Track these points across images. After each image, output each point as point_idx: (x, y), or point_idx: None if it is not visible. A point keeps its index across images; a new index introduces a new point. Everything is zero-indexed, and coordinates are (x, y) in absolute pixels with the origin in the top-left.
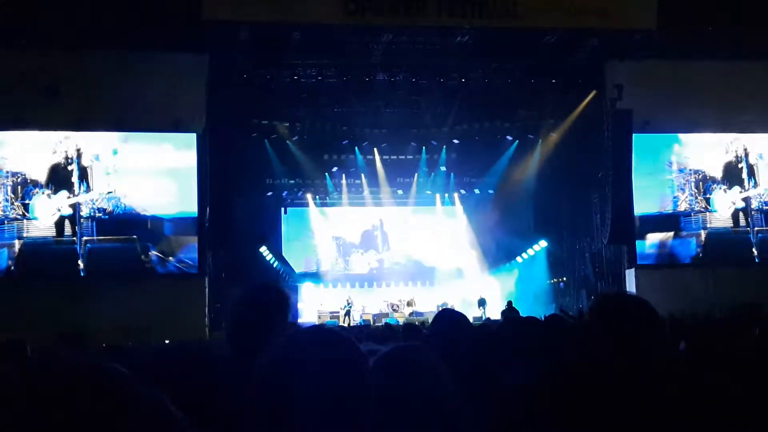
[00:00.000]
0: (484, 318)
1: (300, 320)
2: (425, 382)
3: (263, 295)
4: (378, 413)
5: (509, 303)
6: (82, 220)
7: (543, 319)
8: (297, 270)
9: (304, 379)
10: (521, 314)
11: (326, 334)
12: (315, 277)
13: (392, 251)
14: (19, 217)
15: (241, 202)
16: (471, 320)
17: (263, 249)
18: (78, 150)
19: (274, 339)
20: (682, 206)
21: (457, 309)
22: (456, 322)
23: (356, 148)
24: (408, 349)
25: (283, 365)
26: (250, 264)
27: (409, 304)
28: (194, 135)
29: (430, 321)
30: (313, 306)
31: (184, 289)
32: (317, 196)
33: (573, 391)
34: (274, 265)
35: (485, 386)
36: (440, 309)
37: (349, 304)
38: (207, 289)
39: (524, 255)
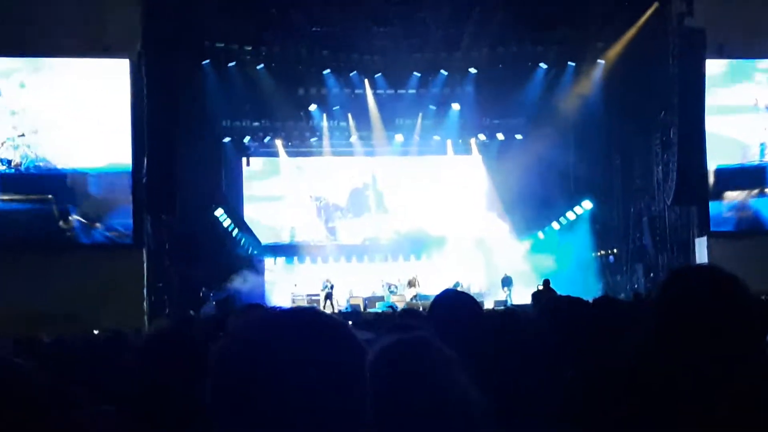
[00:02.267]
0: (509, 303)
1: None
2: (438, 385)
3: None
4: (377, 421)
5: (545, 282)
6: None
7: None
8: (263, 240)
9: (278, 376)
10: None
11: (310, 316)
12: (287, 250)
13: (389, 215)
14: None
15: (190, 151)
16: (492, 305)
17: (219, 212)
18: None
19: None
20: None
21: (474, 291)
22: (460, 310)
23: (341, 79)
24: (415, 342)
25: (248, 358)
26: (202, 232)
27: (411, 284)
28: (126, 62)
29: None
30: (284, 288)
31: (115, 265)
32: (290, 143)
33: (639, 408)
34: (234, 234)
35: (510, 398)
36: (443, 291)
37: (328, 285)
38: (145, 265)
39: (563, 220)
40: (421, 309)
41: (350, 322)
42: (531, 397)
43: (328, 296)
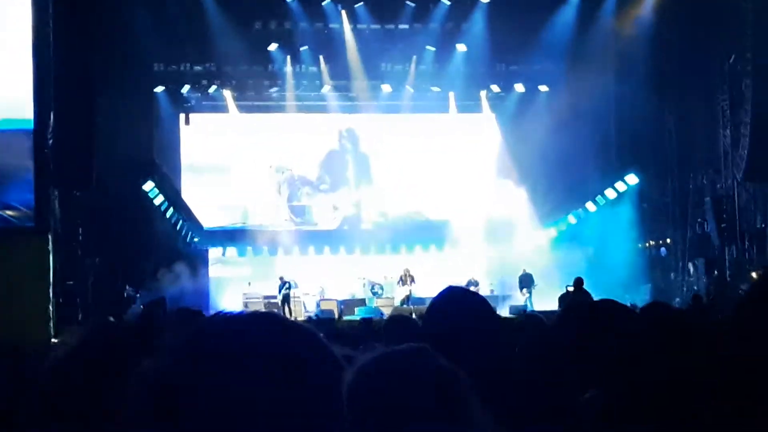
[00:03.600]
0: (529, 308)
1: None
2: (435, 414)
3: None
4: None
5: (577, 282)
6: None
7: (637, 310)
8: (207, 224)
9: (227, 395)
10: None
11: (268, 325)
12: (238, 237)
13: (374, 193)
14: None
15: (111, 104)
16: (507, 312)
17: (148, 187)
18: None
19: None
20: None
21: (484, 293)
22: (467, 316)
23: (310, 9)
24: (406, 357)
25: (187, 374)
26: (126, 212)
27: (402, 281)
28: None
29: None
30: (235, 287)
31: (11, 256)
32: (242, 94)
33: None
34: (168, 216)
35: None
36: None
37: (286, 284)
38: (51, 255)
39: (600, 200)
40: (414, 316)
41: (321, 335)
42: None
43: (286, 299)
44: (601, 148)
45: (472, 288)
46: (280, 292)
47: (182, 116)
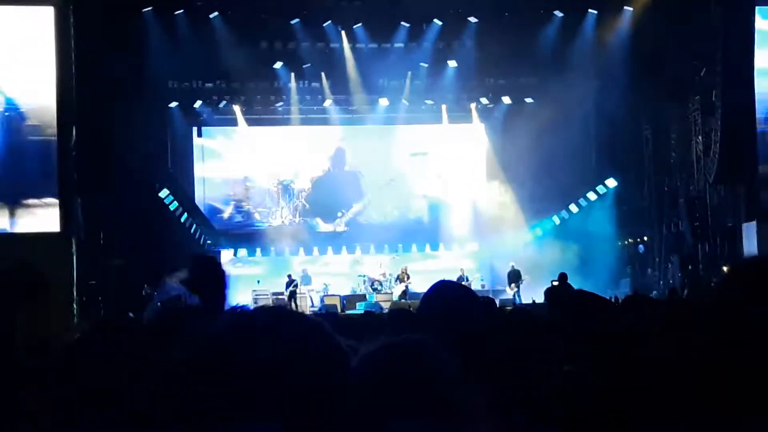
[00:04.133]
0: (518, 301)
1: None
2: (436, 397)
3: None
4: None
5: (561, 276)
6: None
7: (616, 302)
8: (218, 227)
9: (248, 388)
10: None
11: (275, 318)
12: (248, 238)
13: (372, 196)
14: None
15: (129, 118)
16: (497, 305)
17: (164, 194)
18: None
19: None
20: None
21: (475, 287)
22: (458, 306)
23: (313, 30)
24: (409, 344)
25: (212, 371)
26: (144, 218)
27: (400, 278)
28: (51, 9)
29: None
30: (245, 285)
31: (38, 258)
32: (250, 108)
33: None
34: (182, 220)
35: (518, 411)
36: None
37: (292, 281)
38: (75, 257)
39: (582, 202)
40: (411, 309)
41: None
42: (541, 411)
43: (292, 295)
44: (583, 154)
45: (463, 283)
46: (287, 288)
47: (195, 129)
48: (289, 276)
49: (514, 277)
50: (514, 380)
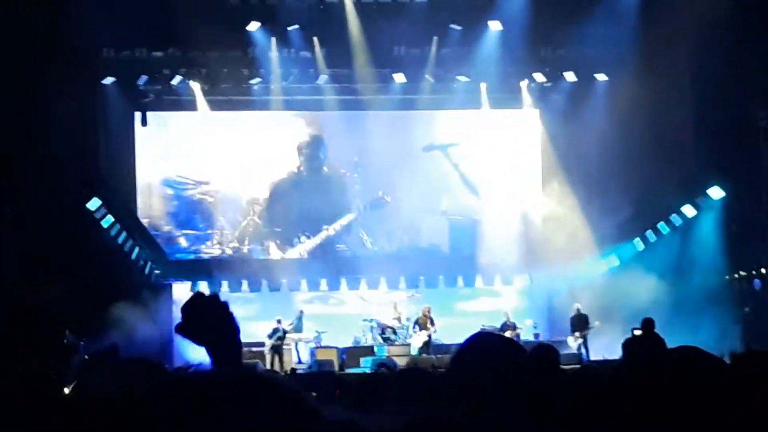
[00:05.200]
0: (585, 356)
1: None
2: None
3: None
4: None
5: (645, 323)
6: None
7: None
8: (171, 252)
9: None
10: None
11: (240, 383)
12: (211, 268)
13: (385, 211)
14: None
15: (48, 100)
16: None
17: (93, 204)
18: None
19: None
20: None
21: (524, 338)
22: (500, 364)
23: None
24: (430, 426)
25: None
26: (66, 235)
27: (420, 325)
28: None
29: None
30: None
31: None
32: (214, 87)
33: None
34: (119, 241)
35: None
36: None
37: (278, 331)
38: None
39: (676, 218)
40: (435, 368)
41: (314, 394)
42: None
43: (276, 350)
44: (677, 152)
45: (508, 333)
46: (271, 337)
47: (137, 115)
48: (279, 321)
49: (580, 323)
50: None
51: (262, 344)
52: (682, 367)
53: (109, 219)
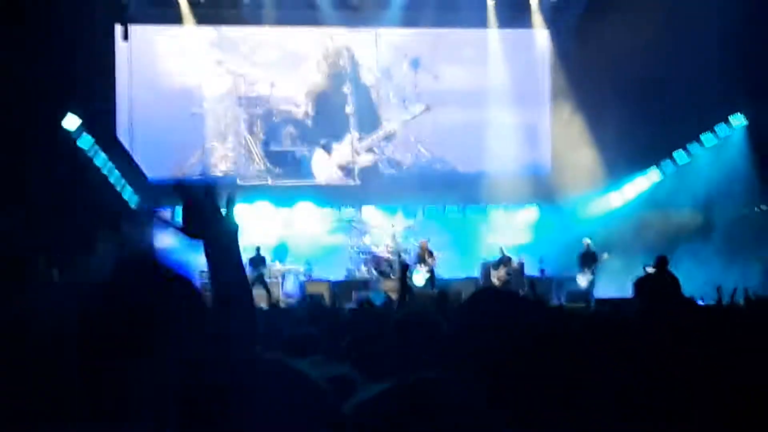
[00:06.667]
0: (594, 294)
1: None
2: None
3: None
4: None
5: (660, 261)
6: None
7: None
8: (152, 174)
9: None
10: (685, 290)
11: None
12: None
13: (383, 134)
14: None
15: (16, 5)
16: (564, 299)
17: (71, 123)
18: None
19: None
20: None
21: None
22: (507, 318)
23: None
24: (423, 386)
25: None
26: (40, 157)
27: (421, 259)
28: None
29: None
30: (190, 259)
31: None
32: None
33: None
34: (97, 163)
35: None
36: (478, 290)
37: (260, 258)
38: None
39: (694, 147)
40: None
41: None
42: None
43: (259, 279)
44: (699, 77)
45: (502, 268)
46: (253, 266)
47: (118, 28)
48: (258, 250)
49: (589, 259)
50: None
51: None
52: (697, 310)
53: (87, 139)
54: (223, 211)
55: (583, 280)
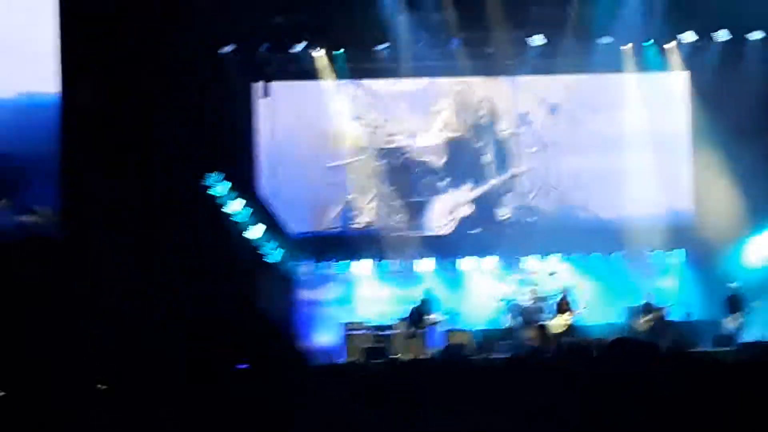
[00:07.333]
0: (739, 338)
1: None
2: None
3: None
4: None
5: None
6: None
7: None
8: (297, 227)
9: None
10: None
11: None
12: (337, 244)
13: (520, 184)
14: None
15: (159, 71)
16: (710, 346)
17: (213, 180)
18: None
19: None
20: None
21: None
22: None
23: None
24: None
25: None
26: (181, 214)
27: (560, 309)
28: None
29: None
30: (335, 312)
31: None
32: (342, 51)
33: None
34: (237, 221)
35: None
36: (617, 337)
37: (423, 305)
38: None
39: None
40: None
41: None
42: None
43: (414, 320)
44: None
45: (655, 313)
46: (410, 320)
47: (259, 85)
48: (425, 291)
49: (736, 302)
50: None
51: (387, 326)
52: None
53: (232, 200)
54: None
55: (731, 324)
